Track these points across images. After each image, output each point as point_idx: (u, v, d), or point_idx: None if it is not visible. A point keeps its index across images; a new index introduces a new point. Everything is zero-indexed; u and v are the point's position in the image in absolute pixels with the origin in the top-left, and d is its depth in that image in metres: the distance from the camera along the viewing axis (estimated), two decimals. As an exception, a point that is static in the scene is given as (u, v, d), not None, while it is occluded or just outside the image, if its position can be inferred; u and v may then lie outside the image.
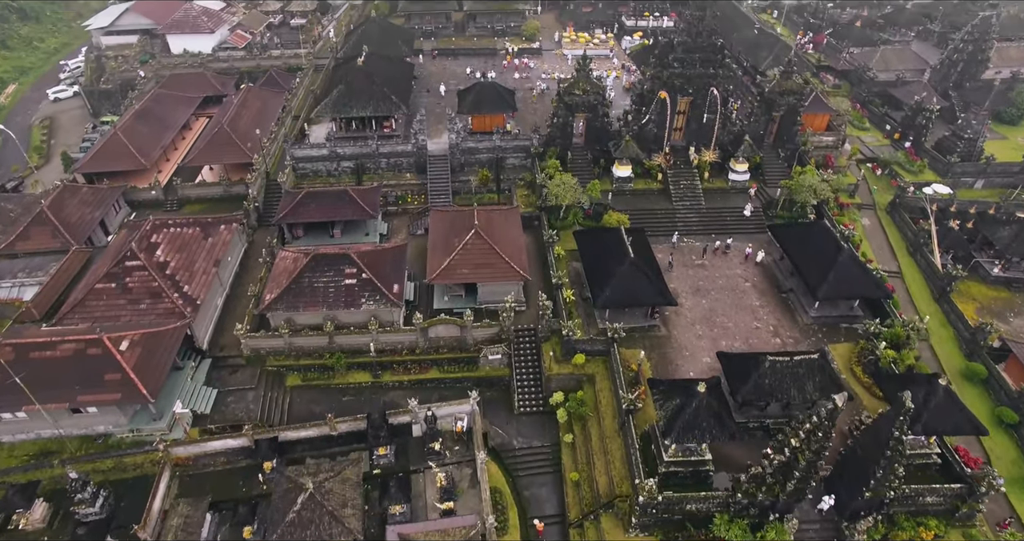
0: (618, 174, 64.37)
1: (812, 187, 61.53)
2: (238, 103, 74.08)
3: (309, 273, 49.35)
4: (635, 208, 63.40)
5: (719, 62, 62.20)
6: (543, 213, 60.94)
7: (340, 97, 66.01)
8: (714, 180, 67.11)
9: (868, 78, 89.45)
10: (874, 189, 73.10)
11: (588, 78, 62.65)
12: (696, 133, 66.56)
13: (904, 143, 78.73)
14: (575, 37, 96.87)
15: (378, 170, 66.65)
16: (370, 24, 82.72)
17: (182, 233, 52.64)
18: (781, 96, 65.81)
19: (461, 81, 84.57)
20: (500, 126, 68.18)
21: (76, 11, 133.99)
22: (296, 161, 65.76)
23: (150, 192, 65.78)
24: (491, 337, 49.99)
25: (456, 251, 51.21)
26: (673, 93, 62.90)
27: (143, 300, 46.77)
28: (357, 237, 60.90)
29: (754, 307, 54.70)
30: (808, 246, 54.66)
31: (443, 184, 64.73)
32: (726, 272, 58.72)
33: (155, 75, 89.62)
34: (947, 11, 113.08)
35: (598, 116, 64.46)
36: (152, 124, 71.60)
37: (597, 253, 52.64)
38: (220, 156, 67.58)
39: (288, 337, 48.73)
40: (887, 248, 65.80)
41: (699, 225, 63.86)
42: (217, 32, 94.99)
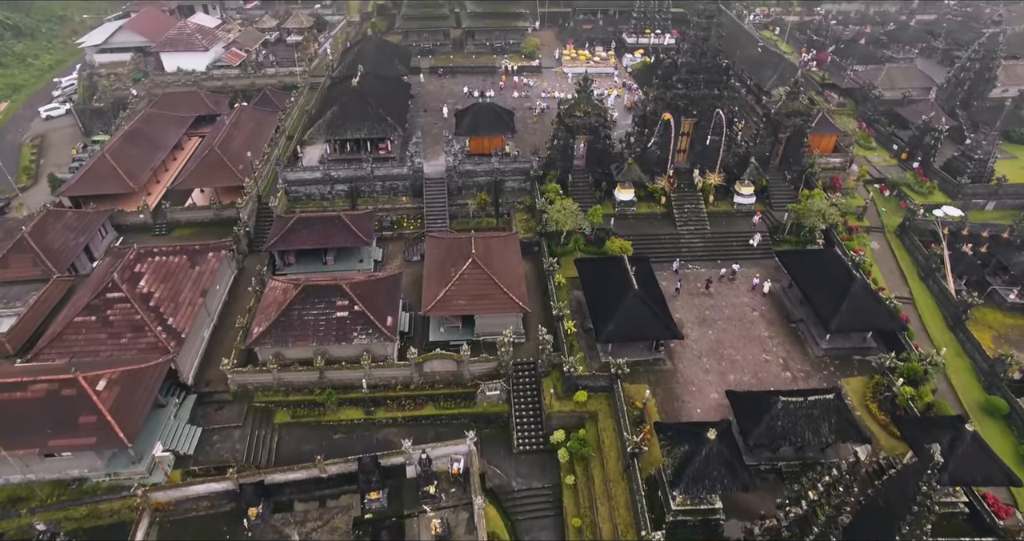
0: (620, 198, 62.46)
1: (821, 211, 59.61)
2: (230, 123, 72.31)
3: (299, 305, 47.26)
4: (638, 233, 61.47)
5: (724, 83, 60.43)
6: (543, 239, 58.95)
7: (334, 118, 64.23)
8: (719, 203, 65.19)
9: (873, 96, 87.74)
10: (882, 211, 71.13)
11: (589, 99, 60.90)
12: (700, 155, 64.72)
13: (912, 163, 76.89)
14: (575, 55, 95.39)
15: (373, 193, 64.69)
16: (366, 42, 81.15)
17: (167, 262, 50.60)
18: (787, 117, 64.03)
19: (459, 100, 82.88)
20: (499, 148, 66.32)
21: (72, 28, 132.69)
22: (288, 184, 63.84)
23: (138, 216, 63.88)
24: (489, 372, 47.85)
25: (452, 281, 49.16)
26: (677, 115, 61.10)
27: (124, 334, 44.66)
28: (351, 264, 58.92)
29: (763, 338, 52.58)
30: (818, 275, 52.64)
31: (440, 208, 62.79)
32: (733, 300, 56.65)
33: (148, 93, 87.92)
34: (951, 28, 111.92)
35: (600, 138, 62.65)
36: (142, 145, 69.76)
37: (599, 283, 50.60)
38: (211, 179, 65.70)
39: (277, 372, 46.56)
40: (897, 273, 63.71)
41: (704, 250, 61.91)
42: (211, 50, 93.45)
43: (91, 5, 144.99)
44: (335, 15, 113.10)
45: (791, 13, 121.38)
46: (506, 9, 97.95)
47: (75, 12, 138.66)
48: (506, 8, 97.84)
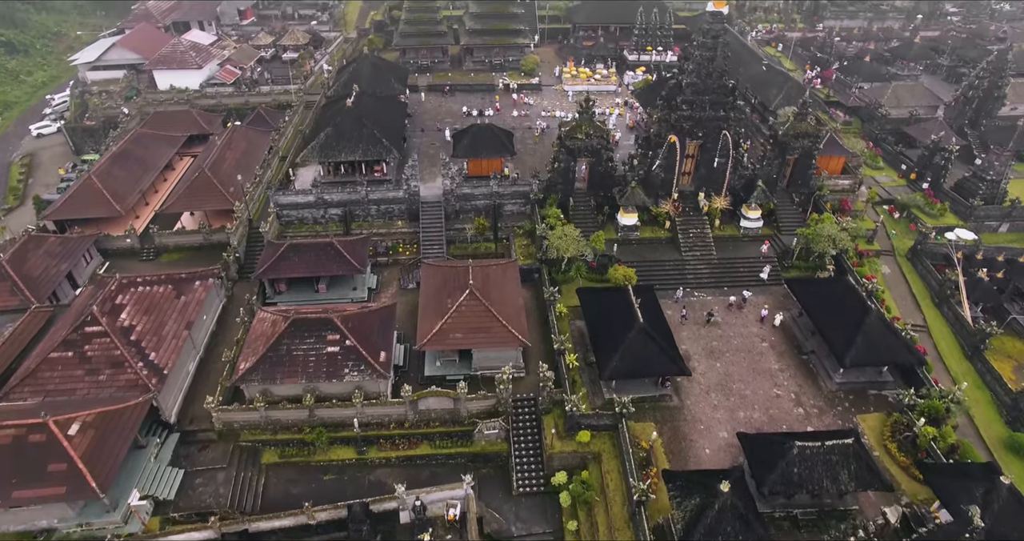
0: (623, 222, 60.42)
1: (831, 237, 57.49)
2: (222, 144, 70.32)
3: (288, 340, 44.98)
4: (642, 259, 59.43)
5: (731, 104, 58.58)
6: (543, 266, 56.79)
7: (328, 140, 62.26)
8: (725, 227, 63.26)
9: (880, 115, 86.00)
10: (892, 233, 69.03)
11: (591, 121, 58.96)
12: (705, 178, 62.79)
13: (921, 184, 75.01)
14: (576, 72, 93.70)
15: (367, 217, 62.63)
16: (362, 61, 79.37)
17: (151, 292, 48.36)
18: (795, 139, 62.15)
19: (457, 119, 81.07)
20: (497, 171, 64.28)
21: (68, 44, 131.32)
22: (280, 208, 61.77)
23: (125, 240, 61.72)
24: (487, 410, 45.51)
25: (449, 314, 46.92)
26: (682, 136, 59.22)
27: (103, 370, 42.33)
28: (344, 292, 56.71)
29: (773, 371, 50.30)
30: (831, 305, 50.46)
31: (437, 233, 60.69)
32: (741, 330, 54.41)
33: (139, 112, 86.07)
34: (955, 45, 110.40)
35: (602, 161, 60.69)
36: (131, 167, 67.71)
37: (603, 315, 48.40)
38: (200, 202, 63.57)
39: (264, 410, 44.19)
40: (910, 298, 61.50)
41: (710, 277, 59.78)
42: (205, 67, 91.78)
43: (87, 21, 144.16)
44: (332, 32, 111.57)
45: (793, 29, 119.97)
46: (505, 26, 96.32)
47: (71, 28, 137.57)
48: (505, 25, 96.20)
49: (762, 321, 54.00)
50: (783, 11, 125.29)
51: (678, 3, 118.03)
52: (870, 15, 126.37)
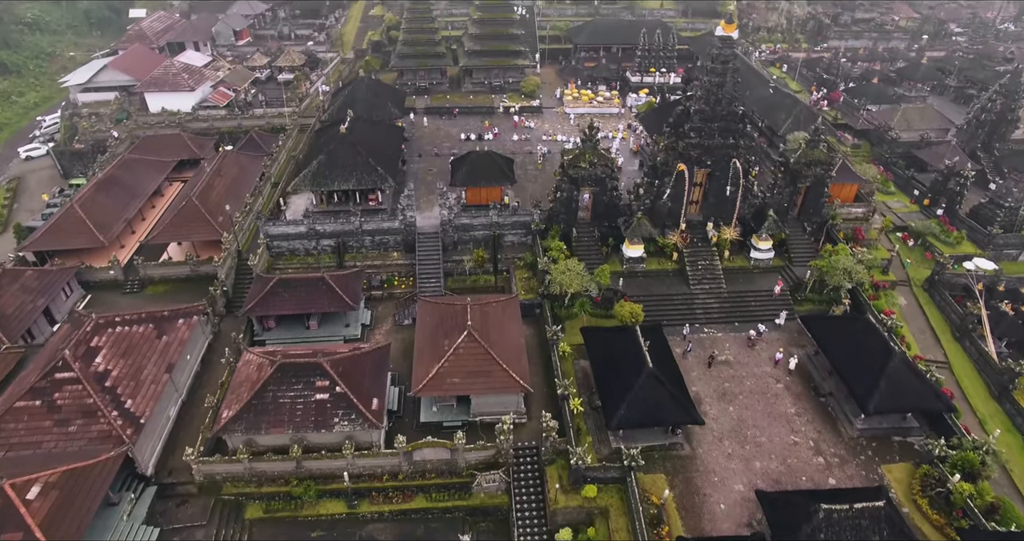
0: (629, 254, 57.75)
1: (847, 270, 54.85)
2: (212, 171, 67.82)
3: (274, 386, 42.13)
4: (648, 293, 56.72)
5: (740, 132, 56.15)
6: (545, 301, 54.02)
7: (320, 168, 59.78)
8: (734, 258, 60.62)
9: (890, 138, 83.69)
10: (907, 263, 66.43)
11: (596, 149, 56.48)
12: (714, 207, 60.23)
13: (935, 210, 72.54)
14: (577, 94, 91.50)
15: (362, 248, 60.01)
16: (357, 84, 77.10)
17: (130, 333, 45.53)
18: (807, 167, 59.65)
19: (455, 144, 78.74)
20: (497, 200, 61.73)
21: (62, 65, 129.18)
22: (270, 239, 59.12)
23: (108, 272, 59.04)
24: (487, 460, 42.55)
25: (446, 357, 44.09)
26: (690, 165, 56.74)
27: (74, 421, 39.42)
28: (336, 328, 53.94)
29: (789, 416, 47.40)
30: (850, 345, 47.67)
31: (434, 265, 58.02)
32: (754, 370, 51.56)
33: (129, 135, 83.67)
34: (963, 66, 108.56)
35: (606, 190, 58.13)
36: (116, 195, 65.17)
37: (609, 358, 45.59)
38: (187, 232, 60.96)
39: (248, 462, 41.27)
40: (929, 332, 58.72)
41: (720, 312, 57.02)
42: (198, 89, 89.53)
43: (83, 41, 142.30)
44: (329, 52, 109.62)
45: (798, 50, 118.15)
46: (505, 46, 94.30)
47: (65, 49, 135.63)
48: (505, 46, 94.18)
49: (776, 364, 51.01)
50: (787, 31, 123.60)
51: (681, 23, 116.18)
52: (875, 35, 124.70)
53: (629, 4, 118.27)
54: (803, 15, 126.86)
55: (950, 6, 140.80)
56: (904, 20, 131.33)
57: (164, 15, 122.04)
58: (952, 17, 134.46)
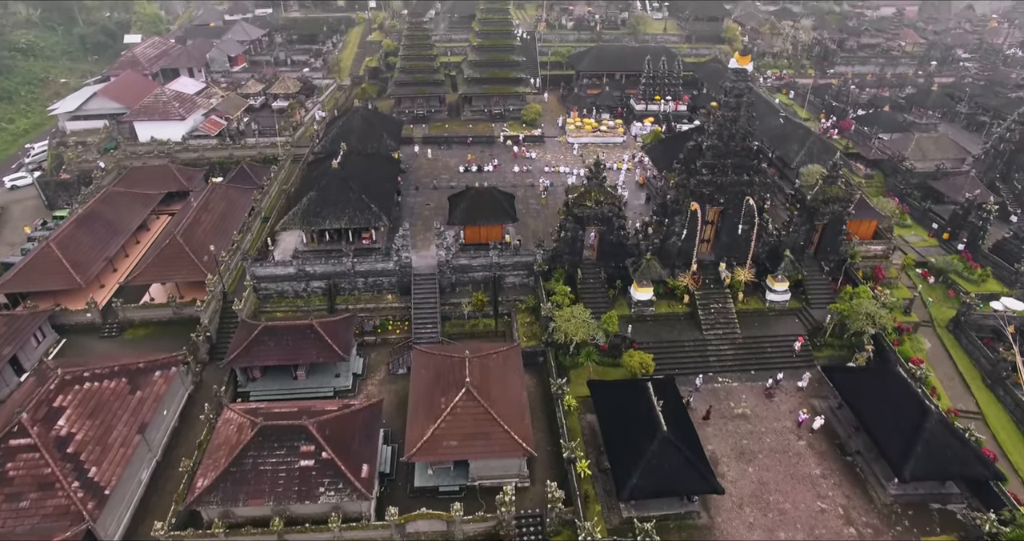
0: (637, 297, 54.44)
1: (870, 315, 51.46)
2: (198, 206, 64.73)
3: (254, 451, 38.53)
4: (659, 340, 53.37)
5: (755, 168, 53.11)
6: (549, 349, 50.55)
7: (311, 206, 56.64)
8: (748, 300, 57.30)
9: (904, 168, 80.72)
10: (928, 301, 63.10)
11: (602, 186, 53.37)
12: (726, 246, 57.04)
13: (956, 244, 69.41)
14: (580, 123, 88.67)
15: (354, 291, 56.63)
16: (352, 115, 74.17)
17: (100, 389, 42.01)
18: (825, 204, 56.49)
19: (454, 175, 75.75)
20: (497, 239, 58.48)
21: (54, 90, 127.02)
22: (257, 281, 55.79)
23: (85, 315, 55.68)
24: (487, 532, 38.82)
25: (442, 417, 40.54)
26: (701, 202, 53.62)
27: (27, 495, 35.68)
28: (325, 379, 50.42)
29: (814, 477, 43.73)
30: (878, 399, 44.18)
31: (430, 309, 54.64)
32: (774, 425, 47.99)
33: (116, 166, 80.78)
34: (974, 92, 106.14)
35: (613, 229, 54.89)
36: (97, 232, 61.94)
37: (619, 416, 42.08)
38: (170, 273, 57.63)
39: (225, 536, 37.51)
40: (957, 379, 55.27)
41: (734, 359, 53.61)
42: (189, 118, 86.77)
43: (77, 66, 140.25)
44: (325, 79, 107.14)
45: (804, 76, 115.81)
46: (506, 74, 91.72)
47: (58, 74, 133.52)
48: (506, 73, 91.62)
49: (800, 425, 47.29)
50: (792, 57, 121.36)
51: (685, 49, 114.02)
52: (881, 61, 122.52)
53: (632, 30, 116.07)
54: (808, 40, 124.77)
55: (956, 32, 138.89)
56: (910, 46, 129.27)
57: (158, 41, 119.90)
58: (958, 42, 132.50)
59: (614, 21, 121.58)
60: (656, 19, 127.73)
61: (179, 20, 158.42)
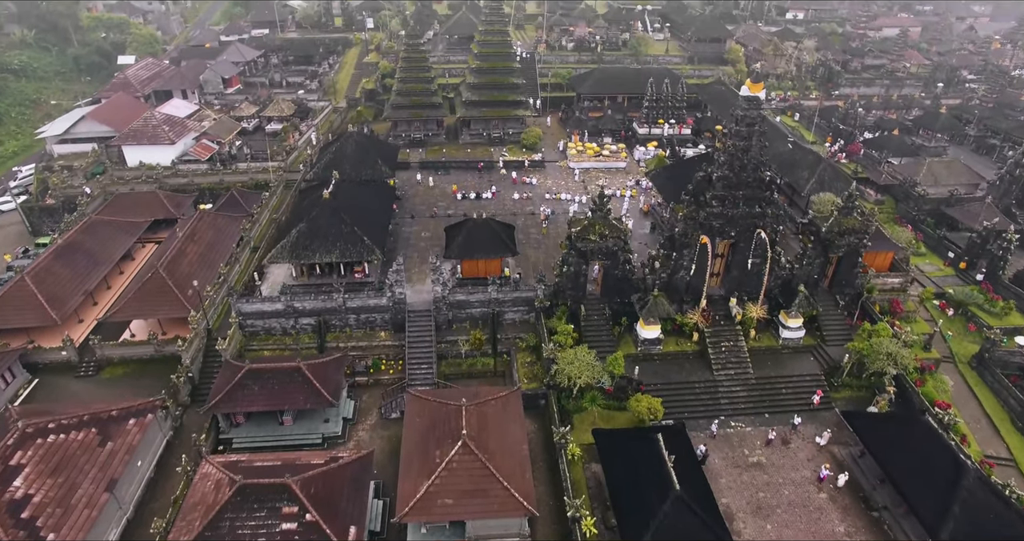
0: (644, 335, 51.48)
1: (891, 355, 48.52)
2: (184, 236, 61.93)
3: (232, 512, 35.33)
4: (667, 381, 50.41)
5: (768, 199, 50.45)
6: (551, 391, 47.54)
7: (300, 239, 53.84)
8: (760, 337, 54.38)
9: (916, 194, 78.13)
10: (948, 335, 60.24)
11: (606, 219, 50.60)
12: (737, 280, 54.25)
13: (974, 274, 66.72)
14: (582, 147, 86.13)
15: (345, 328, 53.69)
16: (345, 140, 71.55)
17: (66, 442, 38.90)
18: (840, 236, 53.75)
19: (451, 203, 73.06)
20: (496, 274, 55.60)
21: (46, 112, 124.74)
22: (243, 317, 52.85)
23: (60, 353, 52.70)
24: (484, 602, 35.64)
25: (437, 473, 37.38)
26: (711, 235, 50.87)
27: (-24, 569, 32.65)
28: (313, 424, 47.37)
29: (838, 536, 40.60)
30: (905, 451, 41.07)
31: (425, 347, 51.66)
32: (792, 475, 44.86)
33: (103, 191, 78.08)
34: (983, 115, 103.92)
35: (618, 264, 52.06)
36: (77, 263, 59.07)
37: (627, 470, 39.00)
38: (151, 309, 54.70)
39: (196, 607, 34.29)
40: (984, 420, 52.32)
41: (747, 401, 50.60)
42: (179, 142, 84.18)
43: (70, 87, 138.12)
44: (321, 101, 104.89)
45: (808, 98, 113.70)
46: (505, 97, 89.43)
47: (51, 95, 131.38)
48: (505, 96, 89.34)
49: (822, 481, 44.05)
50: (796, 78, 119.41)
51: (687, 70, 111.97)
52: (887, 82, 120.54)
53: (633, 51, 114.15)
54: (812, 61, 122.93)
55: (960, 53, 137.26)
56: (915, 67, 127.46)
57: (151, 62, 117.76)
58: (963, 63, 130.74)
59: (615, 42, 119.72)
60: (658, 40, 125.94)
61: (175, 41, 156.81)
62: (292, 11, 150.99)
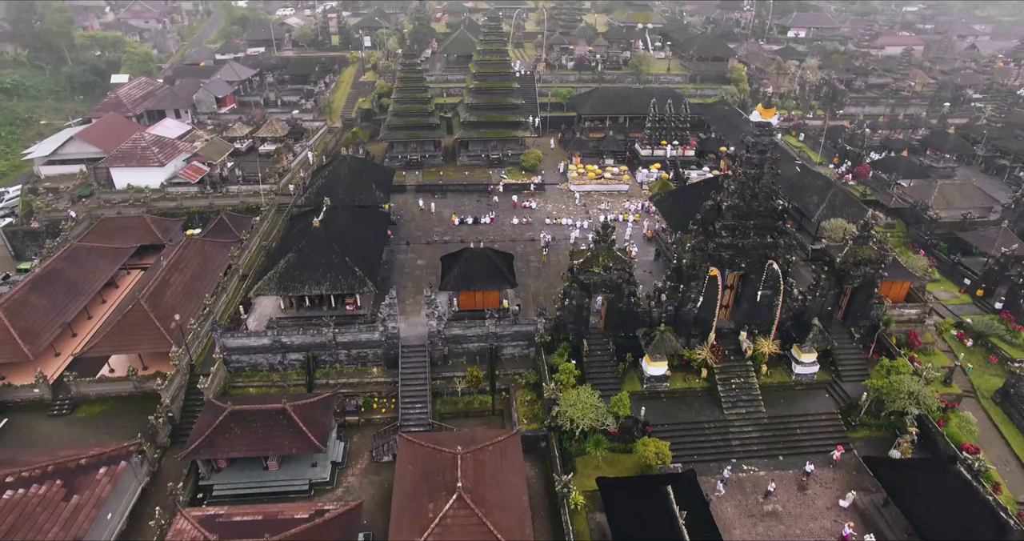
0: (650, 372, 48.78)
1: (913, 395, 45.76)
2: (169, 264, 59.30)
3: (204, 578, 32.49)
4: (675, 421, 47.68)
5: (780, 229, 47.95)
6: (553, 434, 44.72)
7: (289, 270, 51.18)
8: (772, 372, 51.65)
9: (928, 218, 75.68)
10: (968, 368, 57.50)
11: (610, 250, 48.01)
12: (747, 313, 51.68)
13: (992, 302, 64.19)
14: (583, 169, 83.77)
15: (336, 364, 50.95)
16: (338, 164, 68.99)
17: (25, 498, 35.96)
18: (855, 267, 51.17)
19: (448, 229, 70.53)
20: (494, 307, 52.90)
21: (37, 131, 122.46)
22: (228, 353, 50.10)
23: (32, 390, 49.87)
24: None
25: (430, 530, 34.49)
26: (721, 267, 48.32)
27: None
28: (300, 469, 44.54)
29: (865, 597, 37.61)
30: (935, 503, 38.33)
31: (420, 385, 48.91)
32: (810, 525, 41.91)
33: (88, 215, 75.61)
34: (992, 135, 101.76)
35: (623, 296, 49.41)
36: (55, 294, 56.33)
37: (635, 526, 36.07)
38: (131, 343, 51.98)
39: None
40: (1014, 462, 49.33)
41: (760, 443, 47.79)
42: (169, 164, 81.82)
43: (62, 106, 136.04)
44: (316, 121, 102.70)
45: (813, 117, 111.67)
46: (504, 117, 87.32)
47: (42, 114, 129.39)
48: (504, 116, 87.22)
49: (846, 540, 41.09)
50: (800, 97, 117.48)
51: (689, 89, 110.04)
52: (892, 102, 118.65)
53: (634, 70, 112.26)
54: (816, 81, 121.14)
55: (965, 71, 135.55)
56: (920, 86, 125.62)
57: (145, 81, 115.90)
58: (968, 82, 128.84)
59: (616, 61, 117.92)
60: (659, 59, 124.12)
61: (172, 59, 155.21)
62: (289, 29, 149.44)
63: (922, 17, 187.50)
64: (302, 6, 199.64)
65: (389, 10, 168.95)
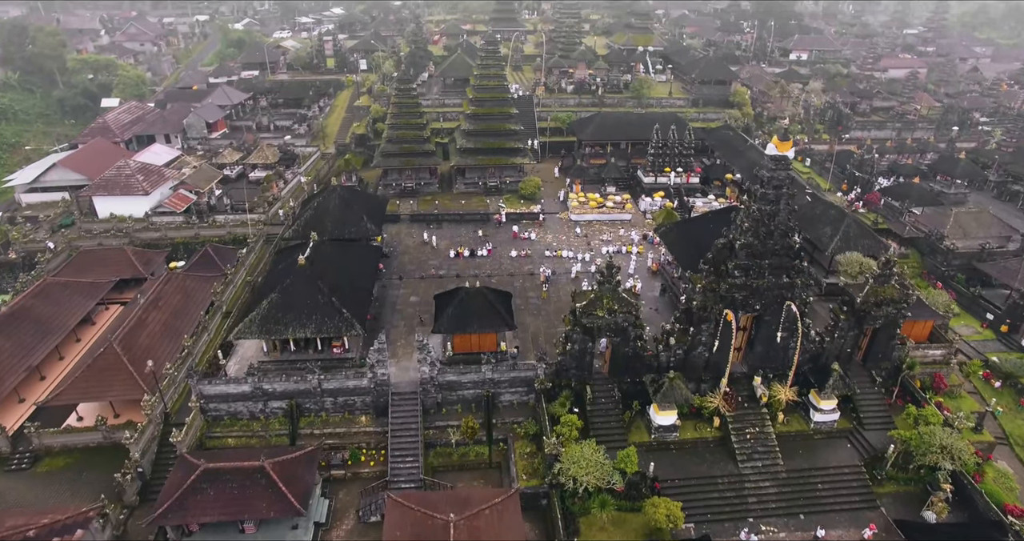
0: (658, 421, 45.30)
1: (947, 448, 42.24)
2: (147, 302, 55.97)
3: None
4: (685, 475, 44.23)
5: (797, 268, 44.74)
6: (554, 491, 41.11)
7: (271, 311, 47.86)
8: (789, 419, 48.16)
9: (944, 248, 72.57)
10: (998, 411, 54.05)
11: (615, 292, 44.71)
12: (761, 356, 48.32)
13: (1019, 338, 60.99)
14: (584, 198, 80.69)
15: (321, 412, 47.41)
16: (328, 195, 65.74)
17: (-28, 576, 32.36)
18: (877, 307, 47.88)
19: (443, 262, 67.30)
20: (491, 350, 49.49)
21: (25, 156, 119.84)
22: (206, 401, 46.57)
23: (-11, 444, 46.34)
24: None
25: (417, 615, 30.88)
26: (734, 309, 45.04)
27: None
28: (280, 532, 40.67)
29: None
30: (978, 576, 34.59)
31: (411, 436, 45.34)
32: (838, 596, 38.22)
33: (67, 247, 72.45)
34: (1004, 160, 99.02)
35: (629, 340, 46.02)
36: (22, 334, 52.82)
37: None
38: (101, 390, 48.31)
39: None
40: (1050, 519, 45.62)
41: (778, 500, 44.12)
42: (155, 192, 78.77)
43: (52, 130, 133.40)
44: (308, 147, 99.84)
45: (818, 141, 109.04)
46: (502, 144, 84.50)
47: (30, 139, 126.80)
48: (502, 143, 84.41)
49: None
50: (805, 121, 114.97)
51: (692, 113, 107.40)
52: (898, 125, 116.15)
53: (635, 93, 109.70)
54: (820, 104, 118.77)
55: (971, 94, 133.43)
56: (925, 109, 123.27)
57: (134, 106, 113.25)
58: (975, 105, 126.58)
59: (617, 84, 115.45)
60: (660, 82, 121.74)
61: (166, 82, 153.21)
62: (284, 52, 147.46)
63: (923, 40, 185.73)
64: (299, 28, 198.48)
65: (386, 33, 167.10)
